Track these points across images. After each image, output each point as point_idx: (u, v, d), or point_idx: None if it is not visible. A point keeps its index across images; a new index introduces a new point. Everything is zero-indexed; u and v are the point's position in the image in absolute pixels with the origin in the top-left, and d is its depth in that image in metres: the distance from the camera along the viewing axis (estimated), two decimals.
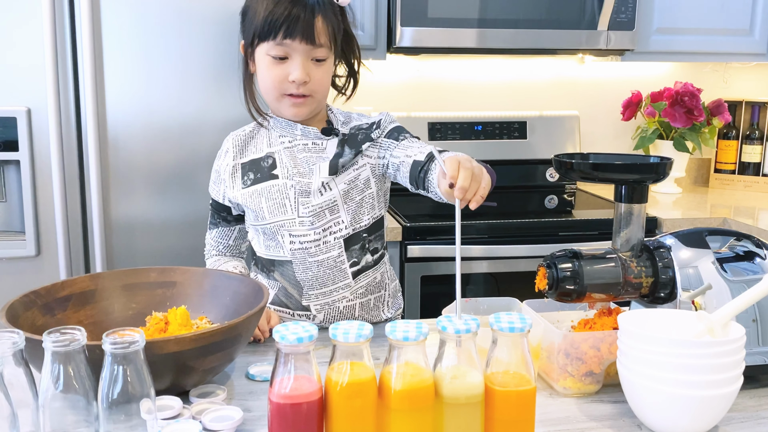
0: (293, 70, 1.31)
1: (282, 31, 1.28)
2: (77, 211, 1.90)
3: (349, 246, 1.40)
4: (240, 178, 1.40)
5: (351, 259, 1.40)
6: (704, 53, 2.61)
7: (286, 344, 0.87)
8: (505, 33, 2.40)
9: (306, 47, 1.30)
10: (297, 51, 1.30)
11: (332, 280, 1.40)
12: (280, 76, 1.32)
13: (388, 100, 2.71)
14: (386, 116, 1.45)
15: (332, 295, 1.41)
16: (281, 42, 1.29)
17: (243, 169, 1.40)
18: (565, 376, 1.11)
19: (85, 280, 1.24)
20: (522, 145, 2.74)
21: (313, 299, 1.41)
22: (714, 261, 1.15)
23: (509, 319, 0.94)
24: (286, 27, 1.27)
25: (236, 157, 1.42)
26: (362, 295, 1.43)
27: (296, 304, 1.42)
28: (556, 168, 1.17)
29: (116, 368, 0.84)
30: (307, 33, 1.28)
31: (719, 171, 2.91)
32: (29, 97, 1.83)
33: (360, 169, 1.40)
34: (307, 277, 1.39)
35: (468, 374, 0.91)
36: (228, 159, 1.42)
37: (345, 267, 1.40)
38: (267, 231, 1.40)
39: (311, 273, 1.39)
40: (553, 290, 1.13)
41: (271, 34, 1.29)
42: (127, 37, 1.87)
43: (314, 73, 1.32)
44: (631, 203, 1.14)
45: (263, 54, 1.33)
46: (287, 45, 1.30)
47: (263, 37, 1.31)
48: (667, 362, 0.95)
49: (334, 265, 1.39)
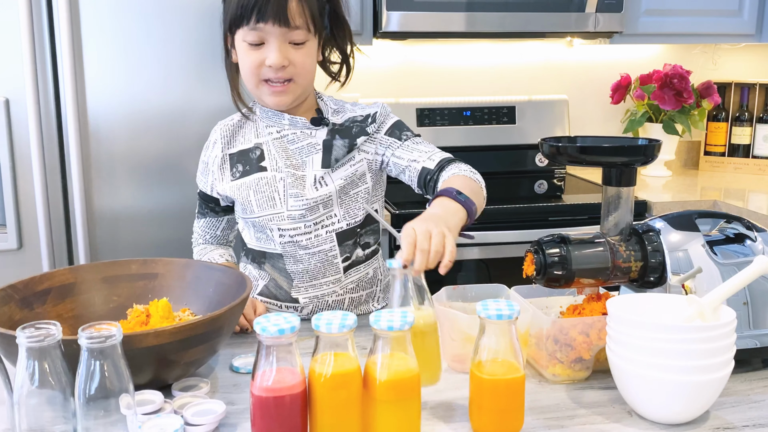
0: (269, 54, 1.27)
1: (254, 15, 1.25)
2: (59, 203, 1.87)
3: (342, 241, 1.38)
4: (229, 170, 1.38)
5: (344, 254, 1.39)
6: (693, 35, 2.59)
7: (268, 336, 0.85)
8: (493, 17, 2.37)
9: (280, 30, 1.26)
10: (272, 35, 1.27)
11: (323, 274, 1.38)
12: (257, 61, 1.29)
13: (375, 87, 2.68)
14: (382, 108, 1.42)
15: (322, 288, 1.39)
16: (254, 27, 1.26)
17: (231, 160, 1.38)
18: (554, 362, 1.09)
19: (65, 272, 1.21)
20: (511, 130, 2.72)
21: (303, 291, 1.39)
22: (704, 244, 1.13)
23: (497, 306, 0.92)
24: (257, 11, 1.24)
25: (225, 148, 1.39)
26: (352, 290, 1.42)
27: (285, 295, 1.40)
28: (544, 152, 1.15)
29: (93, 363, 0.81)
30: (280, 15, 1.25)
31: (709, 153, 2.90)
32: (6, 87, 1.79)
33: (357, 164, 1.38)
34: (298, 270, 1.38)
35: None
36: (216, 150, 1.40)
37: (337, 261, 1.38)
38: (256, 224, 1.38)
39: (302, 266, 1.37)
40: (541, 276, 1.11)
41: (244, 19, 1.26)
42: (107, 24, 1.83)
43: (293, 56, 1.29)
44: (620, 186, 1.12)
45: (240, 41, 1.30)
46: (261, 29, 1.27)
47: (237, 23, 1.28)
48: (657, 348, 0.93)
49: (326, 258, 1.37)
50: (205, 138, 1.45)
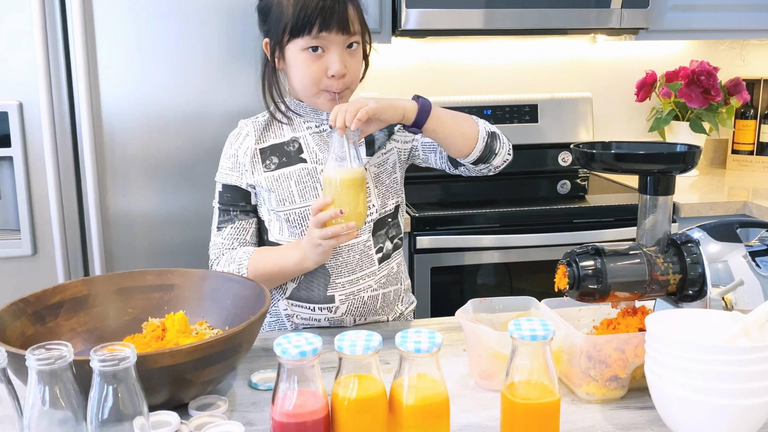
0: (332, 63, 1.27)
1: (317, 24, 1.24)
2: (74, 208, 1.84)
3: (376, 231, 1.37)
4: (260, 162, 1.35)
5: (377, 245, 1.38)
6: (721, 30, 2.51)
7: (289, 359, 0.80)
8: (513, 13, 2.31)
9: (342, 37, 1.27)
10: (334, 43, 1.27)
11: (360, 267, 1.36)
12: (319, 71, 1.28)
13: (394, 85, 2.62)
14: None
15: (359, 283, 1.36)
16: (317, 36, 1.26)
17: (263, 154, 1.36)
18: (588, 380, 1.04)
19: (78, 284, 1.17)
20: (533, 129, 2.66)
21: (339, 288, 1.35)
22: (745, 255, 1.07)
23: (530, 326, 0.87)
24: (321, 20, 1.24)
25: (258, 141, 1.36)
26: (384, 285, 1.39)
27: (319, 296, 1.35)
28: (576, 158, 1.09)
29: (106, 387, 0.78)
30: (343, 23, 1.26)
31: (737, 152, 2.82)
32: (20, 91, 1.76)
33: (388, 153, 1.39)
34: (337, 264, 1.34)
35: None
36: (249, 142, 1.36)
37: (372, 253, 1.37)
38: (292, 217, 1.34)
39: (341, 259, 1.34)
40: (574, 289, 1.05)
41: (306, 28, 1.25)
42: (121, 26, 1.79)
43: (350, 63, 1.30)
44: (657, 195, 1.06)
45: (297, 50, 1.28)
46: (324, 38, 1.26)
47: (296, 33, 1.26)
48: (700, 369, 0.88)
49: (363, 250, 1.36)
50: (222, 139, 1.40)
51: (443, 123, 1.27)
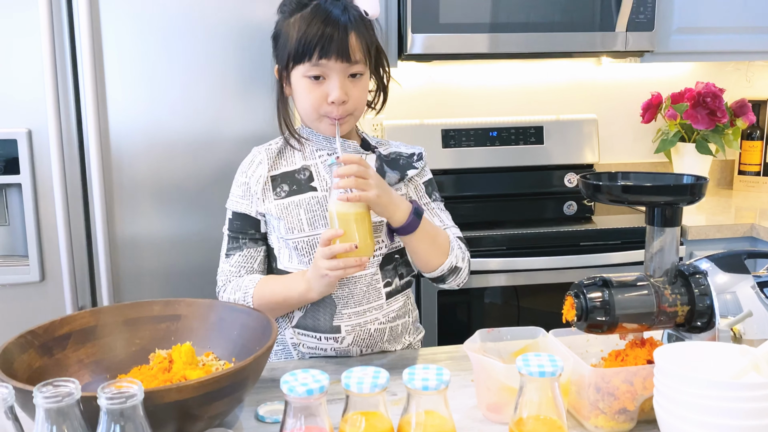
0: (332, 90, 1.29)
1: (317, 51, 1.26)
2: (81, 234, 1.84)
3: (384, 265, 1.37)
4: (271, 190, 1.36)
5: (385, 279, 1.37)
6: (727, 52, 2.52)
7: (296, 397, 0.80)
8: (518, 37, 2.32)
9: (342, 65, 1.28)
10: (333, 70, 1.29)
11: (366, 299, 1.35)
12: (319, 98, 1.30)
13: (400, 108, 2.64)
14: (425, 152, 1.46)
15: (365, 315, 1.35)
16: (317, 63, 1.28)
17: (274, 182, 1.37)
18: (597, 413, 1.03)
19: (86, 315, 1.18)
20: (539, 151, 2.66)
21: (345, 319, 1.35)
22: (754, 285, 1.07)
23: (539, 362, 0.86)
24: (320, 47, 1.26)
25: (270, 169, 1.37)
26: (392, 319, 1.39)
27: (326, 325, 1.35)
28: (582, 189, 1.09)
29: (113, 426, 0.78)
30: (343, 51, 1.27)
31: (743, 173, 2.82)
32: (29, 118, 1.77)
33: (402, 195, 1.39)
34: (343, 294, 1.34)
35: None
36: (261, 170, 1.37)
37: (379, 287, 1.37)
38: (300, 245, 1.34)
39: (347, 289, 1.34)
40: (582, 321, 1.05)
41: (306, 55, 1.27)
42: (130, 51, 1.81)
43: (352, 91, 1.31)
44: (664, 226, 1.06)
45: (299, 76, 1.31)
46: (323, 65, 1.28)
47: (298, 60, 1.29)
48: (709, 405, 0.87)
49: (370, 282, 1.35)
50: (232, 164, 1.42)
51: (419, 241, 1.29)
